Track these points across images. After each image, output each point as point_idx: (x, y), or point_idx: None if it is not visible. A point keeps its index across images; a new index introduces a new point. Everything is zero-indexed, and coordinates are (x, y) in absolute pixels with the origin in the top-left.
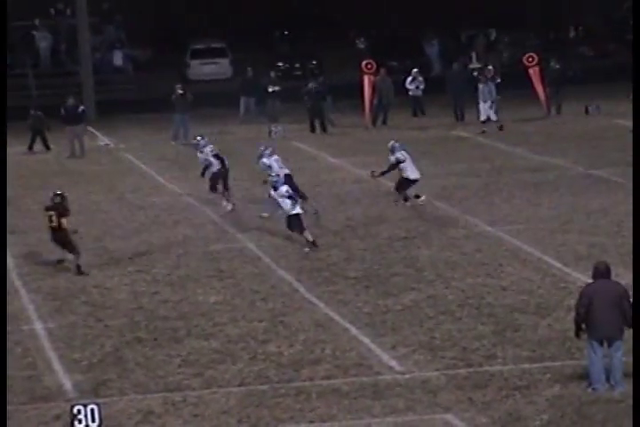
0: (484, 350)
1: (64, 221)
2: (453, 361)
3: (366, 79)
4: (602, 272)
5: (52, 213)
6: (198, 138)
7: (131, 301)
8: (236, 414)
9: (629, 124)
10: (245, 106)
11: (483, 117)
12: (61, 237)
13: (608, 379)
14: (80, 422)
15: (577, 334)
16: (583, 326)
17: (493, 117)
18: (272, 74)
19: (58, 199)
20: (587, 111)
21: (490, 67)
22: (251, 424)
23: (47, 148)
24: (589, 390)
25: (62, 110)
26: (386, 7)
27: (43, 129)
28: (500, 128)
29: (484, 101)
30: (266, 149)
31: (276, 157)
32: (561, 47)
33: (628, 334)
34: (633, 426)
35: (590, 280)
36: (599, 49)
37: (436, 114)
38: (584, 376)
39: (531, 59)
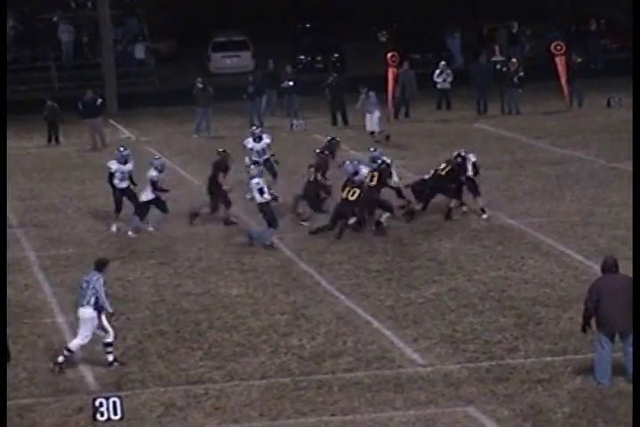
0: (506, 343)
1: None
2: (475, 354)
3: (390, 72)
4: (610, 266)
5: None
6: (121, 149)
7: (153, 294)
8: (257, 407)
9: None
10: (267, 98)
11: (369, 129)
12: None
13: (621, 372)
14: (102, 414)
15: (584, 329)
16: (593, 320)
17: (376, 128)
18: (288, 69)
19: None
20: (609, 104)
21: (513, 60)
22: (272, 417)
23: (56, 141)
24: (594, 383)
25: (80, 104)
26: (408, 0)
27: (57, 121)
28: (387, 138)
29: (370, 112)
30: None
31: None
32: (583, 40)
33: None
34: (633, 425)
35: (599, 274)
36: (621, 41)
37: (459, 107)
38: (595, 372)
39: (559, 47)
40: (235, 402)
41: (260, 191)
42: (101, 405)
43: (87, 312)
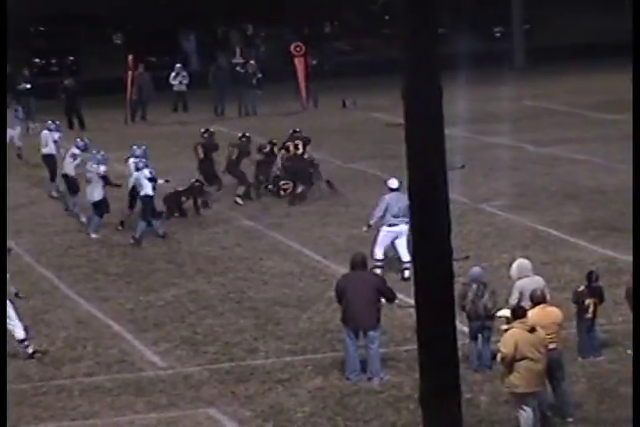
0: (246, 344)
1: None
2: (216, 356)
3: (128, 74)
4: (358, 263)
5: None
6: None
7: None
8: None
9: (385, 117)
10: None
11: (17, 143)
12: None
13: (365, 370)
14: None
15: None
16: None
17: (19, 143)
18: (26, 72)
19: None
20: (344, 105)
21: (252, 62)
22: (11, 424)
23: None
24: (334, 382)
25: None
26: (142, 2)
27: None
28: (19, 156)
29: (11, 128)
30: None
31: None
32: (317, 42)
33: (386, 325)
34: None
35: (339, 273)
36: (355, 43)
37: (196, 109)
38: (345, 368)
39: (298, 48)
40: None
41: (150, 180)
42: None
43: None
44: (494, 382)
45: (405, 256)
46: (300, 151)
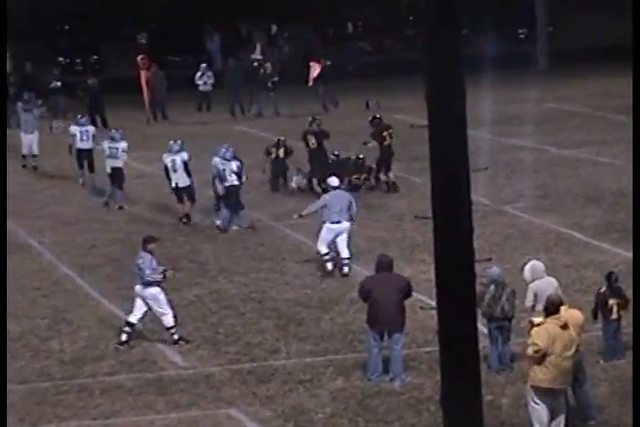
0: (268, 344)
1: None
2: (237, 356)
3: (143, 74)
4: (384, 265)
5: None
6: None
7: None
8: (17, 412)
9: (409, 119)
10: (27, 100)
11: (25, 151)
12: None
13: (388, 371)
14: None
15: None
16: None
17: (36, 151)
18: (55, 70)
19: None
20: (367, 106)
21: (268, 64)
22: (32, 422)
23: None
24: (355, 383)
25: None
26: (166, 1)
27: None
28: (35, 168)
29: (27, 132)
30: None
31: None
32: (340, 42)
33: (408, 326)
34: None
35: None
36: (377, 44)
37: (218, 109)
38: (366, 369)
39: (315, 59)
40: None
41: (238, 175)
42: None
43: (148, 290)
44: (516, 384)
45: (344, 253)
46: (388, 142)
